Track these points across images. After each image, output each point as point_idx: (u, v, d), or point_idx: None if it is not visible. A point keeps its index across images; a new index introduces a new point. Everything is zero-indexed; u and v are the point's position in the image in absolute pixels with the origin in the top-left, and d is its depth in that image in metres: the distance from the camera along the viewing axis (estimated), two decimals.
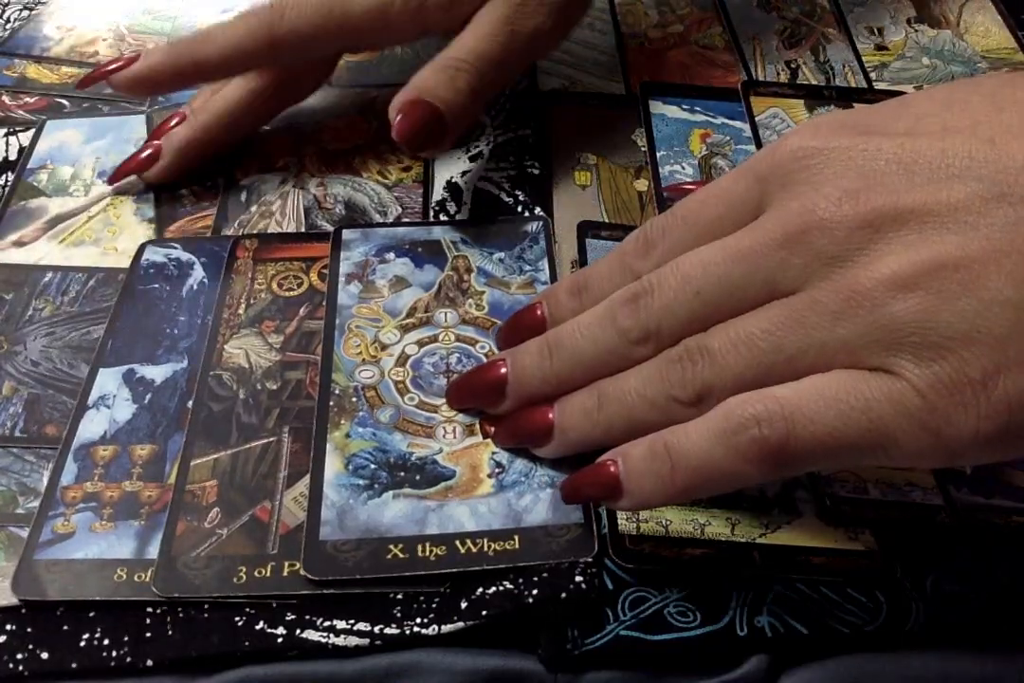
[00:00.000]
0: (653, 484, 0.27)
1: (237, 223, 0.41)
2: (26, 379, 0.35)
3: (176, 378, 0.35)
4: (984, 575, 0.30)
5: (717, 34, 0.51)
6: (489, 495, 0.31)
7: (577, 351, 0.30)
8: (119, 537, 0.31)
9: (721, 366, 0.26)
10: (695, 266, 0.28)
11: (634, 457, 0.27)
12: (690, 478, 0.26)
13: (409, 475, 0.32)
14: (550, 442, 0.31)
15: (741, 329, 0.26)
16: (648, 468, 0.27)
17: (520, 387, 0.31)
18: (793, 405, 0.24)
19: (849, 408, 0.24)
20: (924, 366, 0.23)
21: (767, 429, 0.25)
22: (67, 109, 0.47)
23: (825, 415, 0.24)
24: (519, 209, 0.41)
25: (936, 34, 0.51)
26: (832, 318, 0.24)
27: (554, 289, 0.34)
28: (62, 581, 0.29)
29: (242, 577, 0.29)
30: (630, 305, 0.29)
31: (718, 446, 0.25)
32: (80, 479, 0.32)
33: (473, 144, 0.44)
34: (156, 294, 0.38)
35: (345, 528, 0.30)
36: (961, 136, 0.25)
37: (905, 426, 0.23)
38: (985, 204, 0.23)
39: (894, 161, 0.25)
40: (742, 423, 0.25)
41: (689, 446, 0.26)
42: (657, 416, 0.28)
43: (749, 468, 0.25)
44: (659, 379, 0.28)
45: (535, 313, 0.33)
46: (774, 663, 0.29)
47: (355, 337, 0.36)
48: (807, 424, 0.24)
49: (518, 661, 0.29)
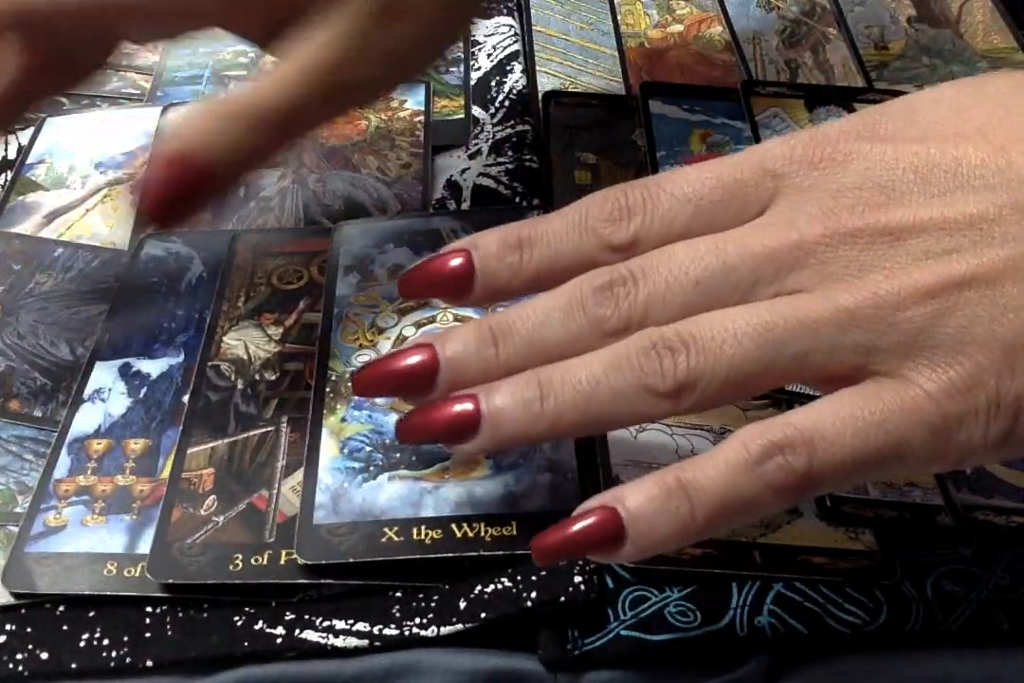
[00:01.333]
0: (670, 525, 0.24)
1: (236, 218, 0.41)
2: (8, 351, 0.36)
3: (172, 373, 0.35)
4: (984, 575, 0.30)
5: (717, 34, 0.51)
6: (486, 477, 0.31)
7: (533, 339, 0.26)
8: (110, 531, 0.31)
9: (715, 356, 0.24)
10: (694, 255, 0.25)
11: (639, 498, 0.24)
12: (714, 514, 0.24)
13: (404, 456, 0.31)
14: (474, 437, 0.26)
15: (742, 318, 0.24)
16: (662, 508, 0.24)
17: (455, 377, 0.27)
18: (811, 429, 0.24)
19: (866, 424, 0.23)
20: (938, 371, 0.23)
21: (791, 456, 0.24)
22: (66, 106, 0.47)
23: (844, 435, 0.23)
24: (518, 201, 0.41)
25: (936, 33, 0.51)
26: (846, 320, 0.24)
27: (485, 236, 0.28)
28: (52, 574, 0.29)
29: (238, 565, 0.29)
30: (606, 291, 0.26)
31: (741, 477, 0.24)
32: (73, 472, 0.32)
33: (472, 142, 0.44)
34: (155, 288, 0.38)
35: (340, 512, 0.30)
36: (972, 143, 0.25)
37: (919, 433, 0.23)
38: (1000, 213, 0.24)
39: (911, 170, 0.25)
40: (765, 452, 0.24)
41: (707, 480, 0.24)
42: (619, 408, 0.25)
43: (775, 497, 0.24)
44: (628, 366, 0.25)
45: (459, 262, 0.28)
46: (774, 663, 0.29)
47: (352, 324, 0.36)
48: (828, 447, 0.23)
49: (518, 661, 0.29)
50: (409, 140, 0.44)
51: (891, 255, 0.24)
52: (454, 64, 0.49)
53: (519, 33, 0.50)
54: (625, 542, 0.24)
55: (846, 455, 0.23)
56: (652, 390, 0.25)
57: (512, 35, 0.50)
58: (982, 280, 0.23)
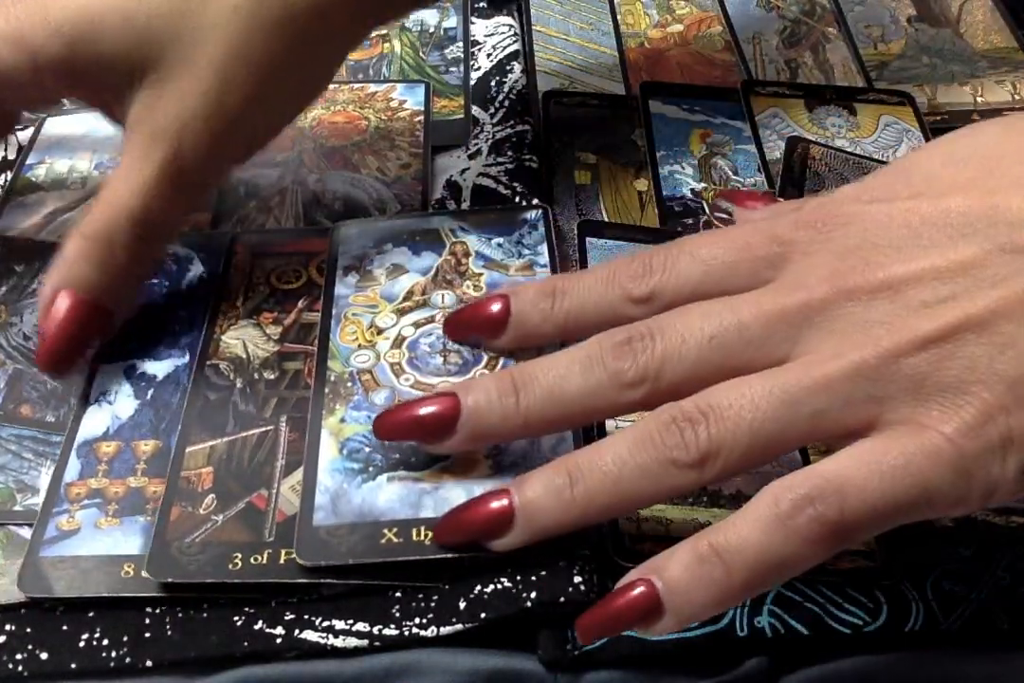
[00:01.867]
0: (707, 592, 0.24)
1: (235, 218, 0.41)
2: (15, 353, 0.36)
3: (178, 373, 0.35)
4: (984, 575, 0.30)
5: (717, 34, 0.51)
6: (486, 477, 0.31)
7: (554, 390, 0.28)
8: (125, 533, 0.30)
9: (735, 422, 0.25)
10: (709, 313, 0.27)
11: (674, 569, 0.25)
12: (750, 575, 0.24)
13: (404, 457, 0.31)
14: (510, 532, 0.27)
15: (757, 383, 0.25)
16: (697, 575, 0.24)
17: (476, 425, 0.28)
18: (840, 478, 0.24)
19: (892, 469, 0.24)
20: (949, 413, 0.24)
21: (822, 506, 0.24)
22: (66, 107, 0.47)
23: (871, 481, 0.24)
24: (517, 201, 0.41)
25: (936, 33, 0.51)
26: (856, 374, 0.25)
27: (524, 286, 0.31)
28: (68, 578, 0.29)
29: (237, 564, 0.29)
30: (624, 346, 0.27)
31: (775, 534, 0.24)
32: (84, 475, 0.32)
33: (472, 142, 0.44)
34: (155, 289, 0.38)
35: (339, 513, 0.30)
36: (962, 194, 0.26)
37: (943, 474, 0.24)
38: (990, 257, 0.25)
39: (904, 226, 0.26)
40: (796, 505, 0.24)
41: (740, 541, 0.24)
42: (647, 485, 0.26)
43: (809, 550, 0.24)
44: (652, 443, 0.26)
45: (497, 308, 0.31)
46: (774, 663, 0.29)
47: (351, 324, 0.36)
48: (858, 494, 0.24)
49: (518, 661, 0.29)
50: (409, 140, 0.44)
51: (892, 308, 0.25)
52: (454, 64, 0.49)
53: (519, 33, 0.50)
54: (664, 614, 0.25)
55: (876, 501, 0.24)
56: (677, 463, 0.25)
57: (512, 35, 0.50)
58: (977, 322, 0.24)
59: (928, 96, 0.47)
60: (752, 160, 0.43)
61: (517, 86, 0.47)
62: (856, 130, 0.45)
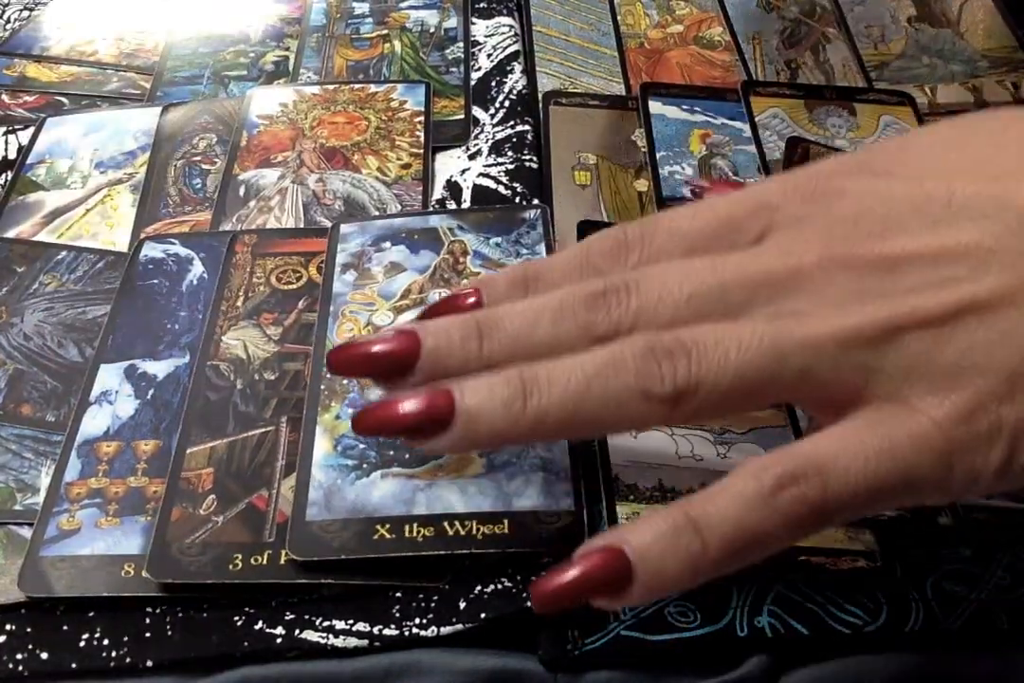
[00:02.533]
0: (680, 563, 0.23)
1: (235, 218, 0.41)
2: (15, 353, 0.36)
3: (178, 373, 0.35)
4: (984, 575, 0.30)
5: (717, 34, 0.51)
6: (479, 475, 0.31)
7: (519, 336, 0.25)
8: (125, 533, 0.31)
9: (719, 363, 0.24)
10: (689, 271, 0.25)
11: (645, 536, 0.23)
12: (726, 549, 0.23)
13: (398, 454, 0.32)
14: (445, 434, 0.25)
15: (746, 330, 0.24)
16: (671, 545, 0.23)
17: (433, 367, 0.26)
18: (822, 458, 0.23)
19: (876, 451, 0.23)
20: (940, 397, 0.23)
21: (805, 486, 0.23)
22: (66, 107, 0.47)
23: (855, 462, 0.23)
24: (517, 201, 0.41)
25: (936, 33, 0.51)
26: (848, 339, 0.24)
27: (495, 276, 0.29)
28: (69, 577, 0.29)
29: (238, 564, 0.29)
30: (598, 298, 0.25)
31: (755, 511, 0.23)
32: (84, 475, 0.32)
33: (472, 142, 0.44)
34: (156, 289, 0.38)
35: (332, 509, 0.30)
36: (966, 177, 0.25)
37: (927, 460, 0.23)
38: (995, 241, 0.24)
39: (905, 202, 0.25)
40: (778, 483, 0.23)
41: (719, 514, 0.23)
42: (609, 413, 0.24)
43: (788, 530, 0.23)
44: (624, 368, 0.24)
45: (469, 300, 0.28)
46: (774, 663, 0.29)
47: (348, 322, 0.36)
48: (841, 475, 0.23)
49: (518, 661, 0.29)
50: (409, 140, 0.44)
51: (889, 283, 0.24)
52: (454, 64, 0.49)
53: (519, 33, 0.50)
54: (632, 583, 0.23)
55: (859, 484, 0.23)
56: (648, 394, 0.24)
57: (512, 35, 0.50)
58: (981, 306, 0.23)
59: (928, 96, 0.47)
60: (752, 160, 0.43)
61: (517, 86, 0.47)
62: (856, 130, 0.45)
